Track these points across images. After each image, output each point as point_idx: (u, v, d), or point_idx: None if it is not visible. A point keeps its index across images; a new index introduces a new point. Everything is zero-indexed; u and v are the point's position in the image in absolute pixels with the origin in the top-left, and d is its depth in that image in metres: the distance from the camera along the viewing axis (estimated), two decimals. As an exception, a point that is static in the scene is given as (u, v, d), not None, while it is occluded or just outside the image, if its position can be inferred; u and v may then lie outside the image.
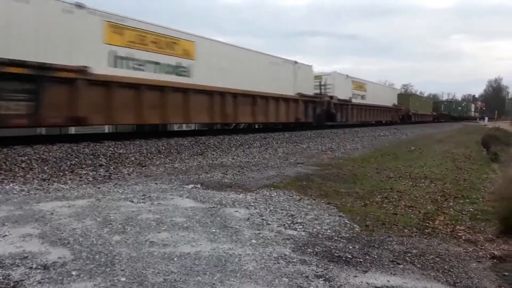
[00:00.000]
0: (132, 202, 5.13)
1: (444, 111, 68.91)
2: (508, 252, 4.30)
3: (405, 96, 50.70)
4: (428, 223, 5.26)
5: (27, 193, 5.49)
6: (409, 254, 3.95)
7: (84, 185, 6.23)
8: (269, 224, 4.54)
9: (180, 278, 3.02)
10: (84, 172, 7.18)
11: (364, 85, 32.63)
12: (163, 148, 10.27)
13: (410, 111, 45.12)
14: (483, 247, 4.46)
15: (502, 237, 4.79)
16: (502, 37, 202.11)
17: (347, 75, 29.02)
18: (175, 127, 20.10)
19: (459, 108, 77.68)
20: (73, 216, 4.42)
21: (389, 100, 39.22)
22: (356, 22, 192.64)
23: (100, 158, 8.33)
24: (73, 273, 3.02)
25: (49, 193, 5.58)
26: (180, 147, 10.74)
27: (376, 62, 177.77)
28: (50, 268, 3.07)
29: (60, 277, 2.93)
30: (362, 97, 31.60)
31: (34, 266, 3.09)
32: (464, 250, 4.31)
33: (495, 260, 4.06)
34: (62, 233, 3.86)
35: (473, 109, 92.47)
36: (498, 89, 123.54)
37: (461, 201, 6.78)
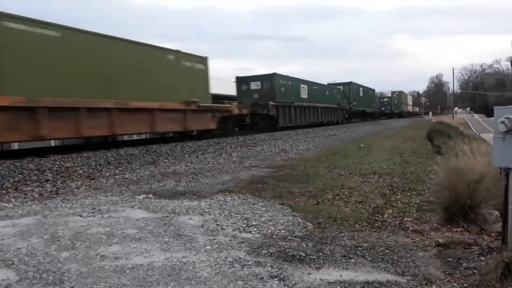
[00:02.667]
0: (81, 216, 4.96)
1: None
2: (451, 239, 4.54)
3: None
4: (378, 216, 5.46)
5: (-34, 215, 5.18)
6: (360, 248, 4.08)
7: (29, 202, 5.95)
8: (224, 229, 4.53)
9: (133, 290, 2.96)
10: (29, 188, 6.86)
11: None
12: (113, 159, 10.00)
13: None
14: (429, 236, 4.69)
15: (445, 225, 5.06)
16: (440, 35, 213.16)
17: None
18: (126, 137, 18.89)
19: (385, 100, 67.30)
20: (18, 235, 4.21)
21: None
22: (302, 25, 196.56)
23: (46, 173, 7.99)
24: (19, 294, 2.88)
25: (-9, 213, 5.29)
26: (130, 157, 10.49)
27: (325, 63, 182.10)
28: (-8, 292, 2.91)
29: (4, 300, 2.80)
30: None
31: (-25, 291, 2.92)
32: (412, 240, 4.50)
33: (440, 248, 4.28)
34: (6, 253, 3.66)
35: (410, 102, 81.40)
36: (440, 85, 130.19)
37: (408, 193, 7.09)
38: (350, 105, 40.59)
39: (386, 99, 68.10)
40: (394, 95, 68.67)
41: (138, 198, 6.05)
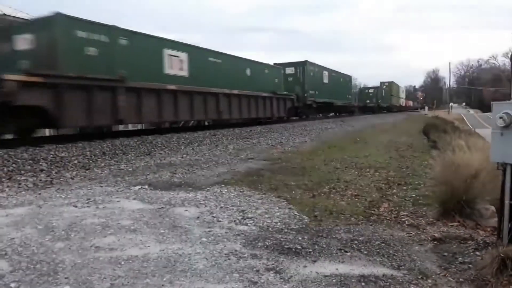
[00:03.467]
0: (76, 207, 4.92)
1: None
2: (447, 233, 4.55)
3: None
4: (374, 210, 5.45)
5: (-41, 204, 5.13)
6: (356, 242, 4.08)
7: (23, 192, 5.91)
8: (220, 221, 4.51)
9: (128, 282, 2.94)
10: (23, 178, 6.80)
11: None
12: (108, 149, 9.93)
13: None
14: (424, 231, 4.69)
15: (441, 219, 5.06)
16: (439, 29, 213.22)
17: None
18: (121, 127, 18.99)
19: (370, 91, 57.39)
20: (11, 225, 4.17)
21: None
22: (299, 17, 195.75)
23: (40, 163, 7.92)
24: (12, 285, 2.85)
25: (-16, 202, 5.24)
26: (126, 147, 10.43)
27: (321, 57, 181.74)
28: (-15, 282, 2.88)
29: (-3, 291, 2.77)
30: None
31: (-33, 281, 2.89)
32: (407, 235, 4.51)
33: (435, 242, 4.28)
34: (-1, 244, 3.63)
35: (402, 94, 72.14)
36: (436, 79, 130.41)
37: (404, 187, 7.09)
38: (305, 95, 28.01)
39: (371, 90, 58.27)
40: (384, 86, 59.75)
41: (134, 189, 6.01)
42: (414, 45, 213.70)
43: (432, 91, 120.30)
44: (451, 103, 79.44)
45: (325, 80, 33.07)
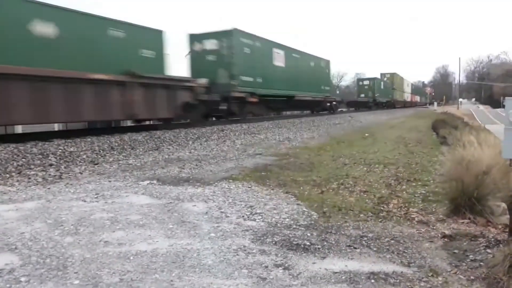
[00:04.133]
0: (85, 201, 4.94)
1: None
2: (457, 230, 4.49)
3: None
4: (383, 206, 5.41)
5: (-30, 198, 5.17)
6: (365, 238, 4.05)
7: (33, 187, 5.94)
8: (228, 216, 4.50)
9: (137, 277, 2.94)
10: (32, 172, 6.84)
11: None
12: (116, 144, 9.96)
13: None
14: (434, 227, 4.64)
15: (452, 216, 5.00)
16: (448, 24, 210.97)
17: None
18: (129, 122, 18.78)
19: (364, 84, 48.31)
20: (21, 219, 4.20)
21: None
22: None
23: (49, 158, 7.97)
24: (22, 279, 2.87)
25: (-6, 196, 5.28)
26: (134, 142, 10.46)
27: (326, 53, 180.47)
28: (-4, 276, 2.90)
29: (8, 285, 2.78)
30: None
31: (-22, 275, 2.91)
32: (417, 231, 4.46)
33: (446, 239, 4.23)
34: (9, 238, 3.65)
35: (407, 88, 64.18)
36: (445, 75, 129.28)
37: (414, 184, 7.02)
38: (231, 82, 18.28)
39: (366, 82, 48.58)
40: (385, 78, 52.66)
41: (142, 184, 6.02)
42: (421, 40, 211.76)
43: (442, 87, 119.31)
44: (460, 99, 78.74)
45: (277, 62, 22.72)
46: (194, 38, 19.14)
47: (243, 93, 18.92)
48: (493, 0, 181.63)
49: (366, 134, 15.82)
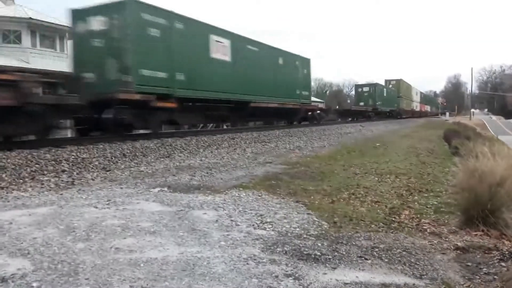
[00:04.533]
0: (97, 208, 4.98)
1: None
2: (470, 243, 4.43)
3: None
4: (394, 217, 5.36)
5: (-16, 203, 5.24)
6: (377, 249, 4.01)
7: (45, 192, 6.01)
8: (238, 225, 4.50)
9: (147, 284, 2.94)
10: (45, 178, 6.92)
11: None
12: (128, 151, 10.04)
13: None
14: (447, 239, 4.59)
15: (464, 228, 4.95)
16: (458, 35, 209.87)
17: None
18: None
19: (364, 90, 42.61)
20: (34, 224, 4.24)
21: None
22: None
23: (62, 164, 8.05)
24: (34, 284, 2.89)
25: (8, 201, 5.35)
26: (146, 149, 10.53)
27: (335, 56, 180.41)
28: (8, 281, 2.92)
29: (19, 290, 2.80)
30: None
31: (-9, 279, 2.94)
32: (429, 243, 4.41)
33: (458, 251, 4.18)
34: (22, 243, 3.69)
35: (416, 97, 58.96)
36: (457, 84, 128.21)
37: (426, 194, 6.97)
38: (122, 78, 11.82)
39: (366, 89, 42.97)
40: (390, 85, 47.59)
41: (153, 191, 6.05)
42: (434, 49, 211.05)
43: (453, 97, 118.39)
44: (472, 109, 78.04)
45: (218, 55, 16.18)
46: (78, 15, 13.09)
47: (143, 94, 12.38)
48: (506, 10, 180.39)
49: (377, 144, 15.74)
